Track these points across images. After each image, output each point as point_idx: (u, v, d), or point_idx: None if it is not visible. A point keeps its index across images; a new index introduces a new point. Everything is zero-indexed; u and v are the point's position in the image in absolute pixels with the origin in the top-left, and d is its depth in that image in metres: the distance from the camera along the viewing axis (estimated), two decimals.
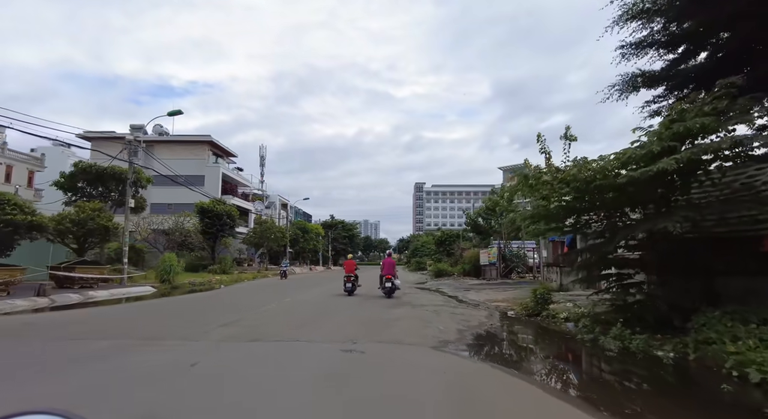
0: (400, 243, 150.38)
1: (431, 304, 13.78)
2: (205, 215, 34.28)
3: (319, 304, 13.77)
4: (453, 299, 16.12)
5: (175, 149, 53.55)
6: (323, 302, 14.33)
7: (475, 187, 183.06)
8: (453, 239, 42.68)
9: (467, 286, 23.24)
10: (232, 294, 18.36)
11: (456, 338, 7.85)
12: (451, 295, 17.53)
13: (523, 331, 9.57)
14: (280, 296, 16.71)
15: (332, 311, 11.79)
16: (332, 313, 11.43)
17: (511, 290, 19.07)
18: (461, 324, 9.53)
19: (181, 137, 54.56)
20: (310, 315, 10.98)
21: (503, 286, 22.25)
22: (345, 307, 12.86)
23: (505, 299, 15.48)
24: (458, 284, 25.51)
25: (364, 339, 7.53)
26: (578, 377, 6.05)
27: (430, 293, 18.83)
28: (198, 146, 53.45)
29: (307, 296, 16.56)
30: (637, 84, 11.42)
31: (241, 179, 61.56)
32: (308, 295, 17.32)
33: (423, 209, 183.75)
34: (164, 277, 21.81)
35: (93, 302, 14.84)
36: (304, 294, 17.50)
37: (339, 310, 12.23)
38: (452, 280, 29.48)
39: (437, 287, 22.46)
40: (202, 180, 51.93)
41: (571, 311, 10.96)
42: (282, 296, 16.67)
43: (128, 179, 20.88)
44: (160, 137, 54.03)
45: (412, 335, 8.06)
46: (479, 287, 22.07)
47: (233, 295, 18.00)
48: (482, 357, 6.79)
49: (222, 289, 21.81)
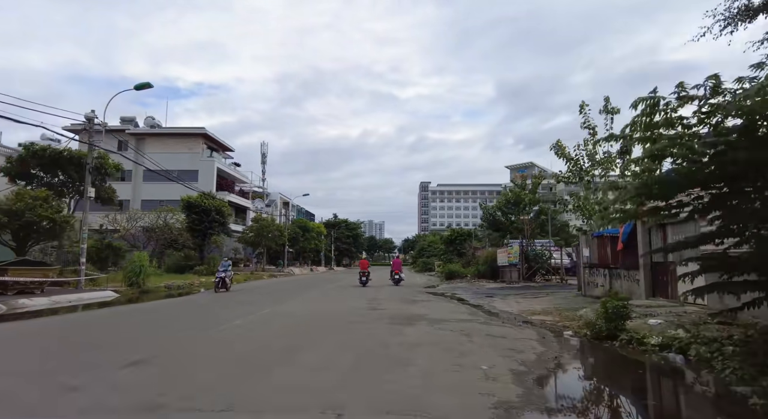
0: (405, 243, 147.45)
1: (454, 318, 10.40)
2: (191, 211, 31.09)
3: (303, 319, 10.43)
4: (478, 309, 12.71)
5: (168, 143, 50.47)
6: (311, 316, 10.99)
7: (482, 186, 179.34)
8: (464, 238, 39.26)
9: (487, 290, 19.82)
10: (204, 302, 15.08)
11: (520, 397, 4.46)
12: (474, 304, 14.13)
13: (617, 372, 6.17)
14: (259, 305, 13.38)
15: (318, 336, 8.44)
16: (317, 339, 8.08)
17: (544, 297, 15.66)
18: (512, 359, 6.13)
19: (173, 130, 51.49)
20: (281, 342, 7.64)
21: (530, 291, 18.82)
22: (338, 323, 9.54)
23: (544, 310, 12.08)
24: (475, 288, 22.09)
25: (359, 405, 4.18)
26: None
27: (447, 302, 15.44)
28: (191, 139, 50.31)
29: (293, 307, 13.23)
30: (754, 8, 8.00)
31: (238, 175, 58.39)
32: (294, 305, 13.99)
33: (428, 208, 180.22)
34: (132, 280, 18.57)
35: (15, 314, 11.58)
36: (290, 303, 14.18)
37: (328, 331, 8.87)
38: (467, 283, 26.08)
39: (453, 293, 19.08)
40: (196, 175, 48.74)
41: (664, 332, 7.56)
42: (262, 305, 13.35)
43: (87, 165, 17.62)
44: (151, 130, 50.99)
45: (443, 388, 4.70)
46: (502, 292, 18.65)
47: (204, 303, 14.72)
48: None
49: (200, 294, 18.56)
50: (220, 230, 32.11)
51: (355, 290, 20.08)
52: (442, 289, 22.03)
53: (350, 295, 17.51)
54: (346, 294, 18.01)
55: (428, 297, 16.93)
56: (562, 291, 18.45)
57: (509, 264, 25.39)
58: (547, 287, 20.75)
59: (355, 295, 17.41)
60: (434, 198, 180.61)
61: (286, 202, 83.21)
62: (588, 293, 15.21)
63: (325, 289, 20.07)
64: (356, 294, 17.87)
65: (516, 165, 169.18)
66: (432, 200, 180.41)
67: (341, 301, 14.88)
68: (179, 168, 48.70)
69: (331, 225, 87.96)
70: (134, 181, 49.51)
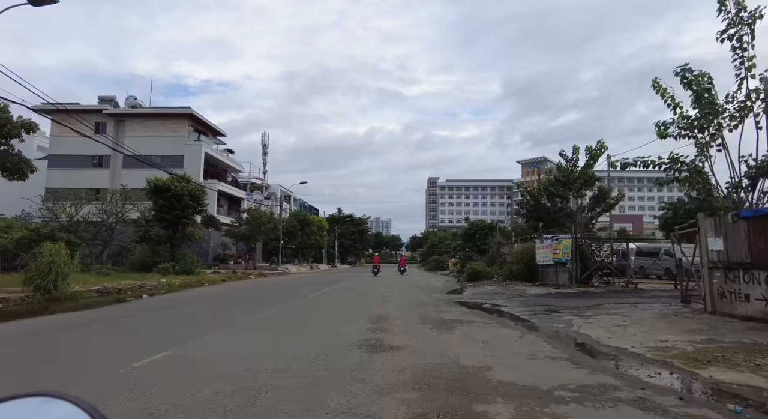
0: (412, 240, 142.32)
1: (561, 385, 4.72)
2: (159, 196, 25.62)
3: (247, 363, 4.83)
4: (566, 345, 7.03)
5: (150, 125, 45.06)
6: (271, 344, 5.36)
7: (491, 182, 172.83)
8: (486, 232, 33.47)
9: (538, 299, 14.10)
10: (130, 316, 9.56)
11: None
12: (547, 328, 8.44)
13: None
14: (211, 324, 7.86)
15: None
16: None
17: (639, 313, 10.01)
18: None
19: (155, 110, 46.06)
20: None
21: (602, 300, 13.09)
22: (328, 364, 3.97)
23: (697, 349, 6.39)
24: (515, 294, 16.40)
25: None
26: None
27: (495, 321, 9.65)
28: (176, 120, 44.82)
29: (219, 345, 7.62)
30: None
31: (232, 163, 52.93)
32: (226, 339, 8.35)
33: (437, 205, 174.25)
34: (38, 283, 13.09)
35: None
36: (222, 336, 8.52)
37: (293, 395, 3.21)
38: (498, 287, 20.37)
39: (491, 302, 13.39)
40: (181, 161, 43.32)
41: None
42: (215, 324, 7.85)
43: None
44: (131, 110, 45.57)
45: None
46: (563, 302, 12.93)
47: (127, 318, 9.21)
48: None
49: (140, 301, 13.15)
50: (192, 218, 26.54)
51: (352, 300, 14.53)
52: (471, 295, 16.35)
53: (341, 308, 11.94)
54: (334, 307, 12.42)
55: (462, 312, 11.17)
56: (649, 302, 12.73)
57: (555, 263, 19.65)
58: (620, 295, 15.01)
59: (348, 309, 11.79)
60: (443, 194, 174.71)
61: (288, 195, 78.03)
62: (724, 311, 9.46)
63: (309, 299, 14.46)
64: (351, 307, 12.26)
65: (528, 160, 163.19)
66: (440, 196, 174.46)
67: (322, 327, 9.15)
68: (162, 153, 43.51)
69: (335, 220, 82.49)
70: (113, 167, 44.28)
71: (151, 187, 25.64)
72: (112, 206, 23.54)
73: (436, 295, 15.99)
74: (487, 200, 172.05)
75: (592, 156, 18.36)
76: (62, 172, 42.13)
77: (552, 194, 18.72)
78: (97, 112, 44.17)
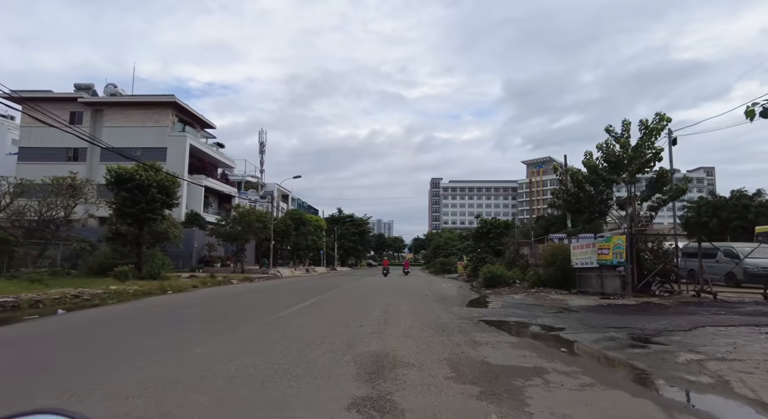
0: (415, 242, 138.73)
1: None
2: (121, 187, 21.77)
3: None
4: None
5: (131, 115, 41.23)
6: None
7: (496, 182, 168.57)
8: (501, 231, 29.49)
9: (600, 316, 10.09)
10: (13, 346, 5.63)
11: None
12: (698, 390, 4.53)
13: None
14: (117, 361, 3.93)
15: None
16: None
17: None
18: None
19: (136, 98, 42.18)
20: None
21: (693, 317, 9.12)
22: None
23: None
24: (556, 304, 12.44)
25: None
26: None
27: (593, 379, 5.45)
28: (158, 109, 40.95)
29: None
30: None
31: (222, 157, 49.09)
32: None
33: (440, 206, 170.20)
34: None
35: None
36: (136, 375, 4.62)
37: None
38: (527, 295, 16.42)
39: (537, 321, 9.43)
40: (164, 154, 39.52)
41: None
42: (122, 362, 3.93)
43: None
44: (110, 99, 41.76)
45: None
46: (638, 320, 8.93)
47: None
48: None
49: (34, 323, 9.26)
50: (161, 216, 22.66)
51: (340, 320, 10.55)
52: (501, 309, 12.35)
53: (316, 341, 7.96)
54: (306, 338, 8.39)
55: (510, 345, 7.08)
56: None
57: (600, 266, 15.68)
58: (704, 309, 11.03)
59: (327, 342, 7.82)
60: (446, 195, 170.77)
61: (285, 194, 74.29)
62: None
63: (277, 318, 10.41)
64: (334, 337, 8.28)
65: (533, 160, 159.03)
66: (444, 197, 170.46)
67: (259, 398, 5.21)
68: (143, 145, 39.75)
69: (335, 221, 78.59)
70: (90, 161, 40.52)
71: (111, 176, 21.79)
72: (62, 200, 19.65)
73: (455, 309, 12.00)
74: (491, 201, 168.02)
75: (649, 131, 14.36)
76: (33, 166, 38.25)
77: (600, 179, 14.66)
78: (72, 100, 40.49)
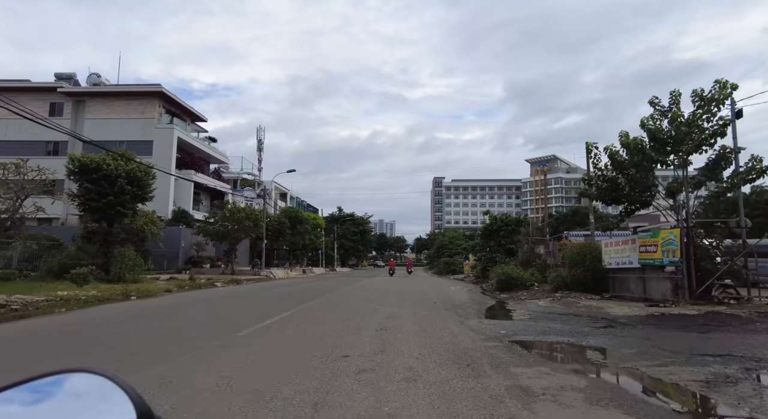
0: (417, 242, 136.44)
1: None
2: (86, 178, 19.18)
3: None
4: None
5: (115, 106, 38.61)
6: None
7: (499, 181, 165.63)
8: (512, 229, 26.78)
9: (665, 333, 7.35)
10: None
11: None
12: None
13: None
14: None
15: None
16: None
17: None
18: None
19: (121, 88, 39.55)
20: None
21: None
22: None
23: None
24: (593, 314, 9.74)
25: None
26: None
27: None
28: (144, 99, 38.33)
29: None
30: None
31: (214, 152, 46.44)
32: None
33: (442, 205, 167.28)
34: None
35: None
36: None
37: None
38: (551, 301, 13.74)
39: (585, 342, 6.76)
40: (150, 147, 37.00)
41: None
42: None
43: None
44: (93, 89, 39.20)
45: None
46: (727, 340, 6.24)
47: None
48: None
49: None
50: (132, 211, 20.03)
51: (322, 342, 7.85)
52: (530, 322, 9.69)
53: (269, 392, 5.35)
54: (257, 387, 5.75)
55: (575, 395, 4.56)
56: None
57: (642, 266, 13.00)
58: None
59: (288, 390, 5.19)
60: (448, 194, 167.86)
61: (284, 193, 71.74)
62: None
63: (233, 338, 7.80)
64: (298, 382, 5.67)
65: (537, 159, 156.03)
66: (446, 197, 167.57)
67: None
68: (128, 138, 37.13)
69: (335, 220, 75.84)
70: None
71: (75, 166, 19.20)
72: (5, 191, 17.06)
73: (473, 323, 9.31)
74: (495, 200, 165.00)
75: (707, 102, 11.65)
76: (9, 160, 35.72)
77: (646, 160, 11.82)
78: (51, 90, 37.90)
